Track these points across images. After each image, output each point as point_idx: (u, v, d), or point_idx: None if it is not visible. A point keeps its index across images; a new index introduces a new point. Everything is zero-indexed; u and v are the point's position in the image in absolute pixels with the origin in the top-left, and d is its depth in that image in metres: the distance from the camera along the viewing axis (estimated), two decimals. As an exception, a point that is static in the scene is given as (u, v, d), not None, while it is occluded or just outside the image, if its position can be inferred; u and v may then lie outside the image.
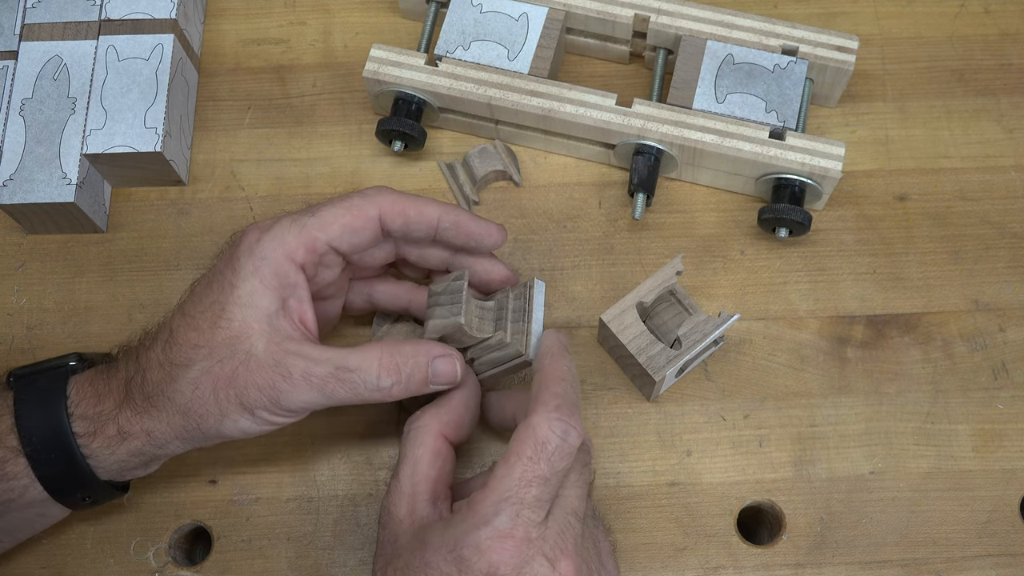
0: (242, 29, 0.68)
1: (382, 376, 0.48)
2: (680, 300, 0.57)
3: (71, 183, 0.59)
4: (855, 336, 0.59)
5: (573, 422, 0.45)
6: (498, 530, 0.43)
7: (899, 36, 0.67)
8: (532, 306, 0.52)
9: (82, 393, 0.49)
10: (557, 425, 0.44)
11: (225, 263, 0.49)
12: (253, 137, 0.65)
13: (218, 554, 0.55)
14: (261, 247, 0.49)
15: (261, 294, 0.48)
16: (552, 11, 0.63)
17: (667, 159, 0.60)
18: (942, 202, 0.62)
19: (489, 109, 0.61)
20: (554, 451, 0.44)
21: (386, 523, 0.47)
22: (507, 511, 0.43)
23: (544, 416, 0.45)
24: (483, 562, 0.43)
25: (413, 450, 0.48)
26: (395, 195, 0.51)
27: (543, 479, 0.44)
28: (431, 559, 0.44)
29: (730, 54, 0.61)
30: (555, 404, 0.45)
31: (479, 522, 0.43)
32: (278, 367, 0.47)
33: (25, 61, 0.62)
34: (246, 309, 0.48)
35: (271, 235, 0.49)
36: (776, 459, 0.56)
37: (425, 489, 0.47)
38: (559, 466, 0.44)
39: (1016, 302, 0.59)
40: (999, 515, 0.55)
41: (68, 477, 0.49)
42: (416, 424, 0.49)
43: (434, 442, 0.49)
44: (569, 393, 0.46)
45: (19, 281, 0.62)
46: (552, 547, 0.44)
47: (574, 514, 0.45)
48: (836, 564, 0.54)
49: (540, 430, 0.44)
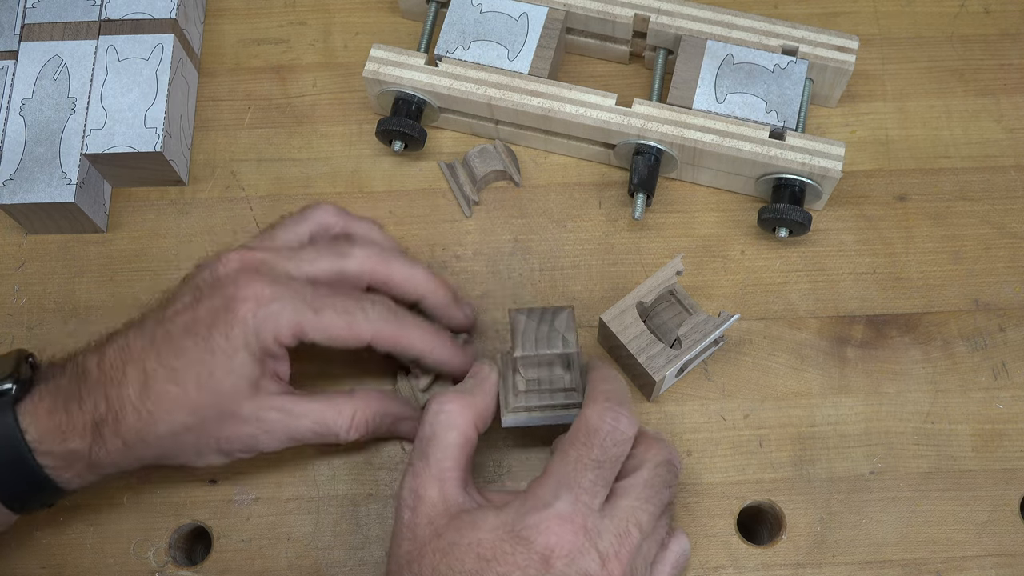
0: (242, 29, 0.68)
1: (351, 432, 0.52)
2: (680, 300, 0.57)
3: (71, 183, 0.59)
4: (855, 336, 0.59)
5: (623, 411, 0.46)
6: (559, 513, 0.44)
7: (899, 36, 0.67)
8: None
9: (42, 428, 0.48)
10: (607, 414, 0.46)
11: (213, 320, 0.48)
12: (253, 137, 0.65)
13: (218, 554, 0.55)
14: (256, 323, 0.48)
15: (250, 366, 0.49)
16: (552, 11, 0.63)
17: (667, 159, 0.60)
18: (942, 202, 0.62)
19: (489, 109, 0.61)
20: (605, 436, 0.46)
21: (414, 505, 0.47)
22: (567, 496, 0.44)
23: (594, 408, 0.47)
24: (540, 542, 0.43)
25: (445, 433, 0.48)
26: (395, 321, 0.51)
27: (597, 463, 0.45)
28: (484, 538, 0.44)
29: (730, 54, 0.61)
30: (604, 398, 0.47)
31: (539, 504, 0.44)
32: (260, 422, 0.50)
33: (25, 61, 0.62)
34: (234, 377, 0.49)
35: (267, 312, 0.48)
36: (776, 459, 0.56)
37: (456, 476, 0.47)
38: (612, 452, 0.46)
39: (1016, 302, 0.59)
40: (999, 515, 0.55)
41: (31, 494, 0.50)
42: (448, 407, 0.48)
43: (466, 428, 0.48)
44: (617, 390, 0.48)
45: (19, 281, 0.62)
46: (607, 546, 0.44)
47: (637, 526, 0.46)
48: (836, 564, 0.54)
49: (591, 419, 0.46)
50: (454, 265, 0.61)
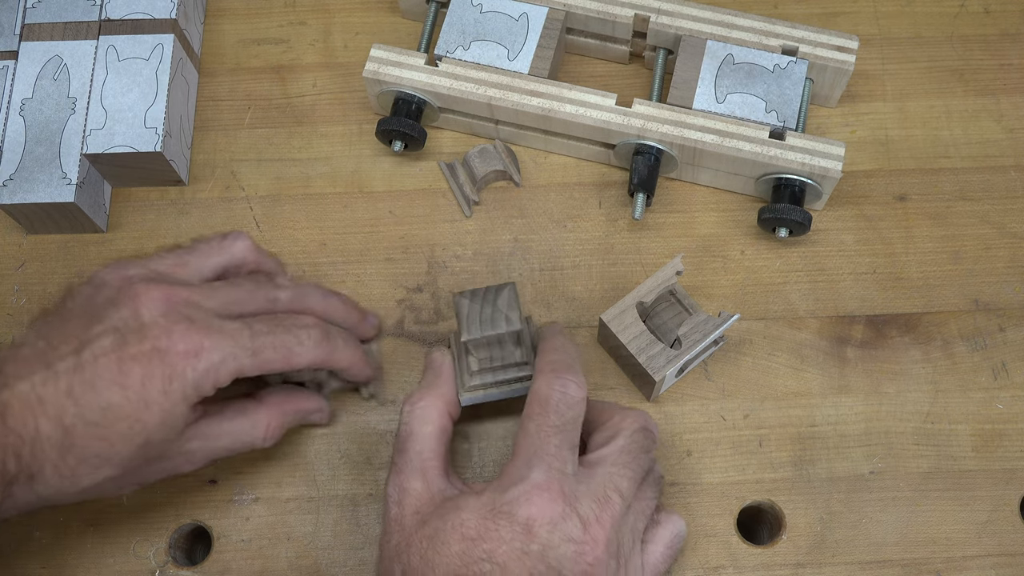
0: (242, 29, 0.68)
1: (267, 440, 0.52)
2: (680, 300, 0.57)
3: (71, 183, 0.59)
4: (855, 336, 0.59)
5: (569, 376, 0.48)
6: (535, 483, 0.45)
7: (899, 36, 0.67)
8: None
9: None
10: (555, 382, 0.48)
11: (147, 372, 0.45)
12: (253, 137, 0.65)
13: (218, 554, 0.55)
14: (197, 376, 0.46)
15: (186, 414, 0.47)
16: (552, 11, 0.63)
17: (667, 159, 0.60)
18: (942, 202, 0.62)
19: (489, 109, 0.61)
20: (558, 402, 0.47)
21: (400, 499, 0.48)
22: (539, 465, 0.45)
23: (543, 378, 0.48)
24: (522, 513, 0.44)
25: (421, 427, 0.50)
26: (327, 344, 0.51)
27: (556, 428, 0.47)
28: (467, 518, 0.45)
29: (730, 54, 0.61)
30: (551, 368, 0.49)
31: (515, 479, 0.45)
32: (183, 455, 0.50)
33: (25, 61, 0.62)
34: (168, 427, 0.47)
35: (208, 365, 0.47)
36: (776, 459, 0.56)
37: (436, 464, 0.49)
38: (568, 415, 0.47)
39: (1016, 302, 0.59)
40: (999, 515, 0.55)
41: None
42: (419, 404, 0.50)
43: (440, 418, 0.50)
44: (563, 359, 0.49)
45: (19, 281, 0.62)
46: (587, 511, 0.45)
47: (616, 491, 0.46)
48: (836, 564, 0.54)
49: (541, 390, 0.48)
50: (454, 265, 0.61)
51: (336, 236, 0.62)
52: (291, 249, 0.62)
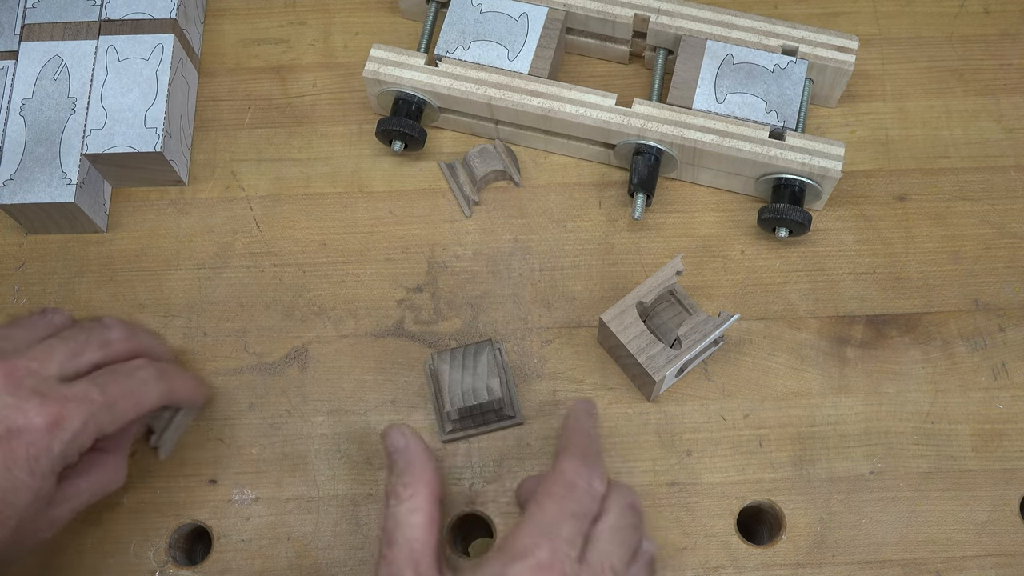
0: (242, 29, 0.68)
1: (123, 480, 0.52)
2: (680, 300, 0.57)
3: (71, 183, 0.59)
4: (855, 336, 0.59)
5: (597, 470, 0.47)
6: (540, 562, 0.44)
7: (899, 36, 0.67)
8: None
9: None
10: (583, 471, 0.47)
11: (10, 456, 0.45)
12: (253, 137, 0.65)
13: (218, 554, 0.55)
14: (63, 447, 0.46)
15: (53, 486, 0.47)
16: (552, 11, 0.63)
17: (667, 159, 0.60)
18: (942, 202, 0.62)
19: (489, 109, 0.61)
20: (582, 493, 0.46)
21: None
22: (546, 545, 0.44)
23: (571, 462, 0.47)
24: None
25: (408, 516, 0.47)
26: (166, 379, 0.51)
27: (574, 516, 0.46)
28: None
29: (730, 54, 0.61)
30: (581, 454, 0.48)
31: (518, 555, 0.44)
32: (50, 520, 0.48)
33: (25, 61, 0.62)
34: (39, 502, 0.46)
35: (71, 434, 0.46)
36: (776, 459, 0.56)
37: (430, 558, 0.46)
38: (588, 508, 0.46)
39: (1016, 302, 0.59)
40: (999, 515, 0.55)
41: None
42: (403, 495, 0.47)
43: (428, 506, 0.47)
44: (593, 449, 0.49)
45: (19, 281, 0.62)
46: None
47: (611, 569, 0.46)
48: (836, 564, 0.54)
49: (568, 473, 0.47)
50: (454, 265, 0.61)
51: (336, 236, 0.62)
52: (291, 249, 0.62)
